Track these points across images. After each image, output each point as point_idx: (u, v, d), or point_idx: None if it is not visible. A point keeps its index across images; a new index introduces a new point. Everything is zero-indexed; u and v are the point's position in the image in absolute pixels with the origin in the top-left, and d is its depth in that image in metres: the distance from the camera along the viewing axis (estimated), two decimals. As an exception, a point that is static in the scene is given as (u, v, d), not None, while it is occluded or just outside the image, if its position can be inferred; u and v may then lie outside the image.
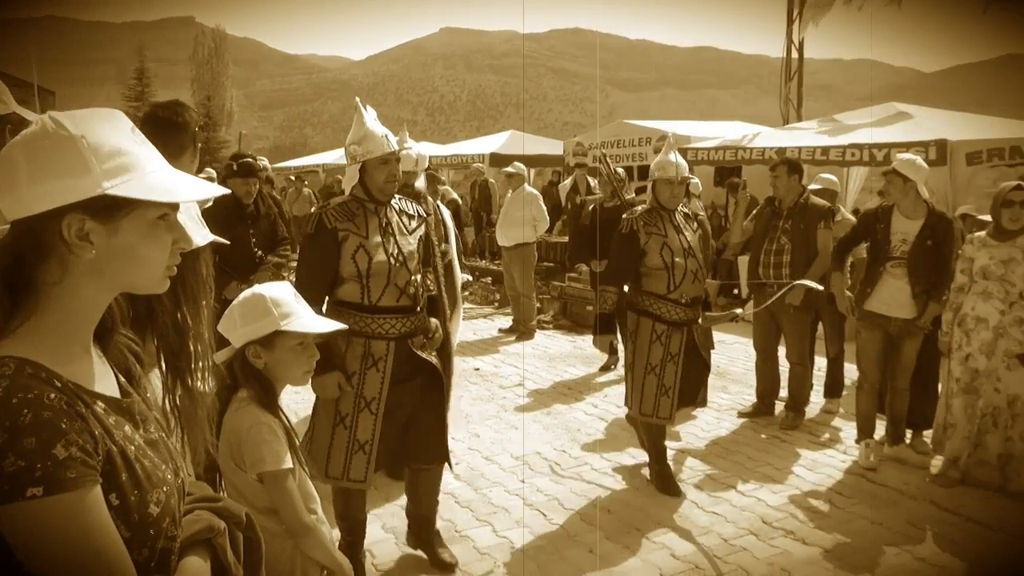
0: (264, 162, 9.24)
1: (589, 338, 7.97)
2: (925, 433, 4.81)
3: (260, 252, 4.87)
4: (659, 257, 4.12)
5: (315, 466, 3.01)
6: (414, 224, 3.23)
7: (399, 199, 3.24)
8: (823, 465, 4.63)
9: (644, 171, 12.29)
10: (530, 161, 10.07)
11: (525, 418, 5.58)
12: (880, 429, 4.81)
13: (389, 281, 3.04)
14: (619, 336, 6.71)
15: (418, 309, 3.15)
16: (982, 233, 4.37)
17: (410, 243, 3.14)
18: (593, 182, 9.89)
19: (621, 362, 6.68)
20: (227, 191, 1.33)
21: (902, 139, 7.40)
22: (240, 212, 4.82)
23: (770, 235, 5.32)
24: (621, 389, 6.28)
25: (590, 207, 7.08)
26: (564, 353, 7.54)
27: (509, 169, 8.49)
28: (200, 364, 1.31)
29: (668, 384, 4.12)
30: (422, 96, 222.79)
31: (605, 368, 6.84)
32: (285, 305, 1.97)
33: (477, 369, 6.91)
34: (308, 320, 2.00)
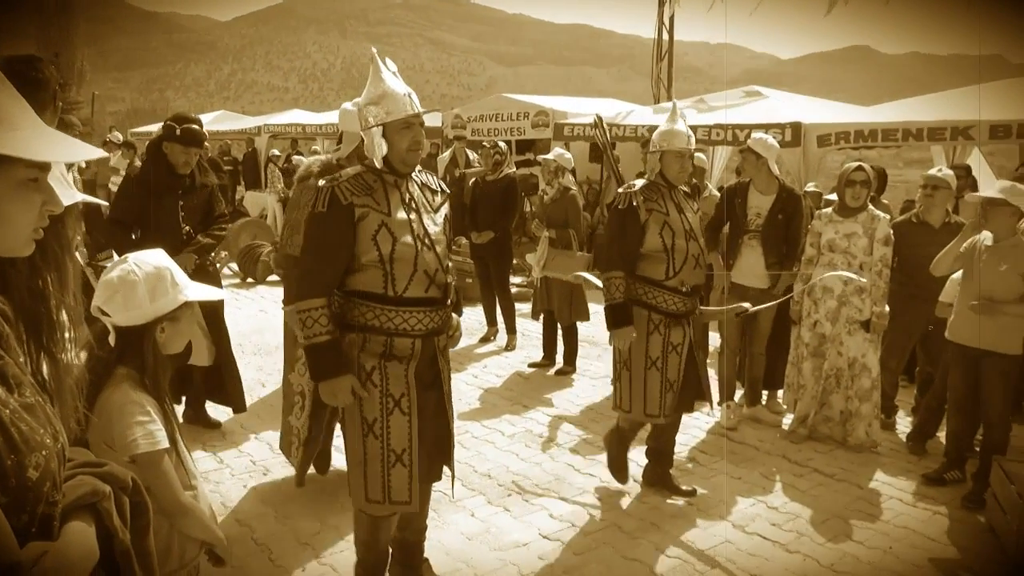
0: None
1: (467, 310, 8.04)
2: (779, 393, 5.21)
3: (188, 228, 4.35)
4: (659, 238, 3.63)
5: (354, 493, 2.68)
6: (438, 200, 2.81)
7: (419, 171, 2.80)
8: (689, 427, 4.92)
9: (522, 145, 12.48)
10: (409, 132, 9.97)
11: (405, 389, 5.59)
12: (740, 392, 5.18)
13: (416, 268, 2.61)
14: (499, 307, 6.84)
15: (448, 302, 2.76)
16: (829, 210, 4.76)
17: (436, 223, 2.73)
18: (472, 155, 9.90)
19: (502, 334, 6.82)
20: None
21: (762, 121, 7.85)
22: (171, 182, 4.28)
23: (641, 210, 5.52)
24: (501, 359, 6.44)
25: (470, 180, 7.12)
26: (443, 325, 7.56)
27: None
28: (67, 334, 1.24)
29: (672, 378, 3.68)
30: (294, 62, 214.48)
31: (485, 339, 6.94)
32: (180, 273, 1.95)
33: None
34: (200, 286, 2.00)
